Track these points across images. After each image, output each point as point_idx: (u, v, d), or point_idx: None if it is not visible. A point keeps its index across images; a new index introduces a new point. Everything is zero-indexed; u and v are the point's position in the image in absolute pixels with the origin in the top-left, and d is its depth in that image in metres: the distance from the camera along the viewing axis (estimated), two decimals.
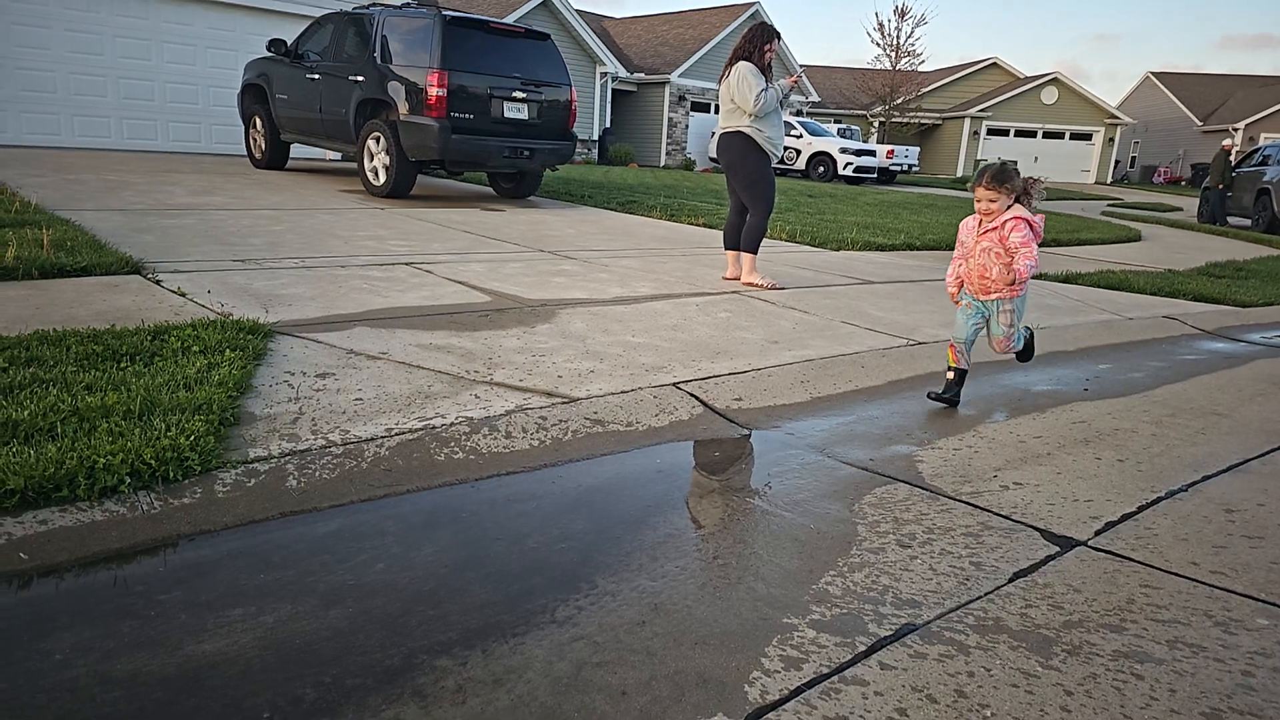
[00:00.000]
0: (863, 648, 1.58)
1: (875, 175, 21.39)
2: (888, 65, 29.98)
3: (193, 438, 2.02)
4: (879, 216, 10.94)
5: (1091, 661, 1.58)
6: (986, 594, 1.81)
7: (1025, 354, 3.58)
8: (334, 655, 1.45)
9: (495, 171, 8.85)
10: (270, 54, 9.03)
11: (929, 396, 3.20)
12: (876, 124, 31.08)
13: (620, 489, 2.24)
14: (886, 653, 1.57)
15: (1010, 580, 1.87)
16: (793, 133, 21.31)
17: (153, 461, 1.91)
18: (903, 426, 2.94)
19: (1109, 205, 18.49)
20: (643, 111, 24.86)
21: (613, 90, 23.28)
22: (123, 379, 2.37)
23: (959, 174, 28.87)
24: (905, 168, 23.59)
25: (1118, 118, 33.13)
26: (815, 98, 29.13)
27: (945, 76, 34.13)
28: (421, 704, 1.34)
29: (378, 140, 7.81)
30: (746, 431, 2.78)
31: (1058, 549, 2.05)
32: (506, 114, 7.83)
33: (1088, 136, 33.17)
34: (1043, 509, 2.29)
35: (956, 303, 3.29)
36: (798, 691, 1.44)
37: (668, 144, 24.52)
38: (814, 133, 21.92)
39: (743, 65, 4.88)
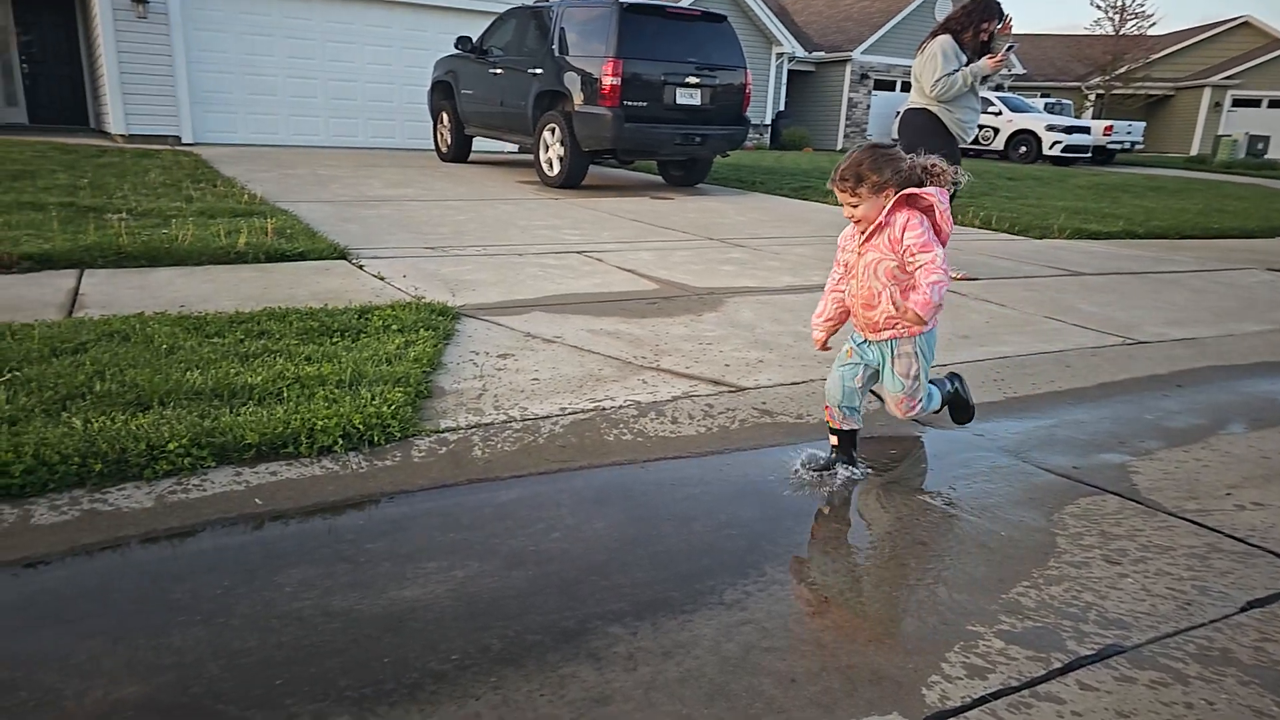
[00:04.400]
0: (1059, 664, 1.44)
1: (1089, 154, 19.16)
2: (1109, 30, 26.60)
3: (394, 407, 2.22)
4: (1093, 201, 9.85)
5: None
6: (1212, 621, 1.59)
7: (959, 413, 2.51)
8: (516, 612, 1.54)
9: (665, 159, 8.92)
10: (457, 51, 9.61)
11: (802, 465, 2.24)
12: (1093, 97, 27.52)
13: (789, 482, 2.19)
14: (1087, 672, 1.42)
15: (1242, 610, 1.63)
16: (990, 109, 19.44)
17: (361, 426, 2.12)
18: (1114, 434, 2.64)
19: None
20: (820, 92, 23.83)
21: (788, 71, 22.63)
22: (334, 352, 2.65)
23: (1194, 152, 25.07)
24: (1127, 145, 20.90)
25: None
26: (1019, 70, 26.61)
27: (1180, 40, 29.38)
28: (596, 665, 1.40)
29: (553, 131, 8.12)
30: (930, 430, 2.62)
31: None
32: (679, 100, 7.86)
33: None
34: None
35: (824, 348, 2.30)
36: (982, 701, 1.34)
37: (846, 126, 23.29)
38: (1015, 109, 19.89)
39: (940, 41, 4.47)
